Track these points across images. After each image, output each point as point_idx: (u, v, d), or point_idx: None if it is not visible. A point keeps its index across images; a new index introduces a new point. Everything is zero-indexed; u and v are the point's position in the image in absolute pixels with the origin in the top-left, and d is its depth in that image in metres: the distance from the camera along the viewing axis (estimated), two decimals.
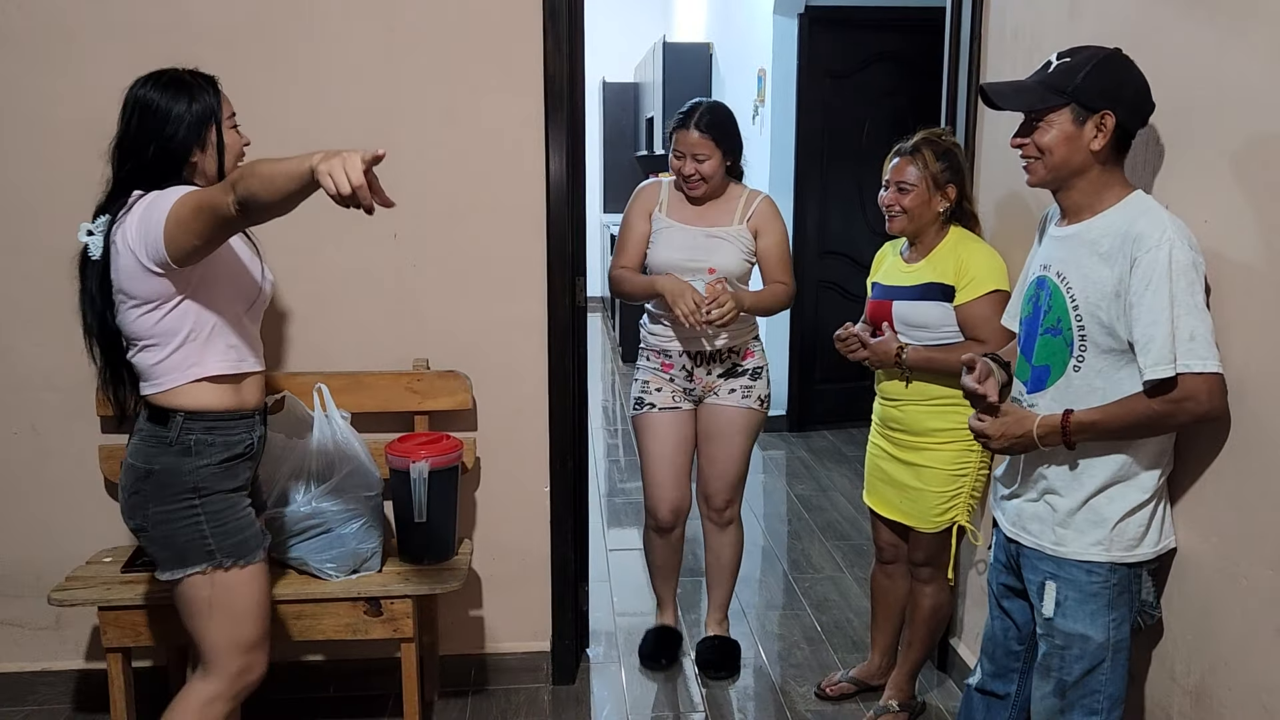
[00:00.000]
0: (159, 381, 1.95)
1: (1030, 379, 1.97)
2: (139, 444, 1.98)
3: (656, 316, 2.90)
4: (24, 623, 2.81)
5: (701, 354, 2.85)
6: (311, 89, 2.65)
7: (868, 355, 2.56)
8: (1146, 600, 1.93)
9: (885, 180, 2.55)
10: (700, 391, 2.90)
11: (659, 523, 2.97)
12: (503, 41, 2.68)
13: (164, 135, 1.91)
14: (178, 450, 1.95)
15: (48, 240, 2.56)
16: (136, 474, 1.96)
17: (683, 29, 8.51)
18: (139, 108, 1.92)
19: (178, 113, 1.91)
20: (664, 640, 3.12)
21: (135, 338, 1.95)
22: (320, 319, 2.74)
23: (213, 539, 1.96)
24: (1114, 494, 1.86)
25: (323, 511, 2.43)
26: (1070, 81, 1.79)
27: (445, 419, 2.78)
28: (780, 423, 5.74)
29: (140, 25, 2.57)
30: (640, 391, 2.93)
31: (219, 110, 1.97)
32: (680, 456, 2.93)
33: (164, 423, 1.95)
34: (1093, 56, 1.80)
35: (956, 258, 2.49)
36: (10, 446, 2.73)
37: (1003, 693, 2.16)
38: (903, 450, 2.59)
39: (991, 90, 1.89)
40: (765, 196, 2.91)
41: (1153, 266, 1.72)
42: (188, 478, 1.95)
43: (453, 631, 2.93)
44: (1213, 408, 1.73)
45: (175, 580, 1.98)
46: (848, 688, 2.90)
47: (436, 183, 2.71)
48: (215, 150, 1.97)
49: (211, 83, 1.99)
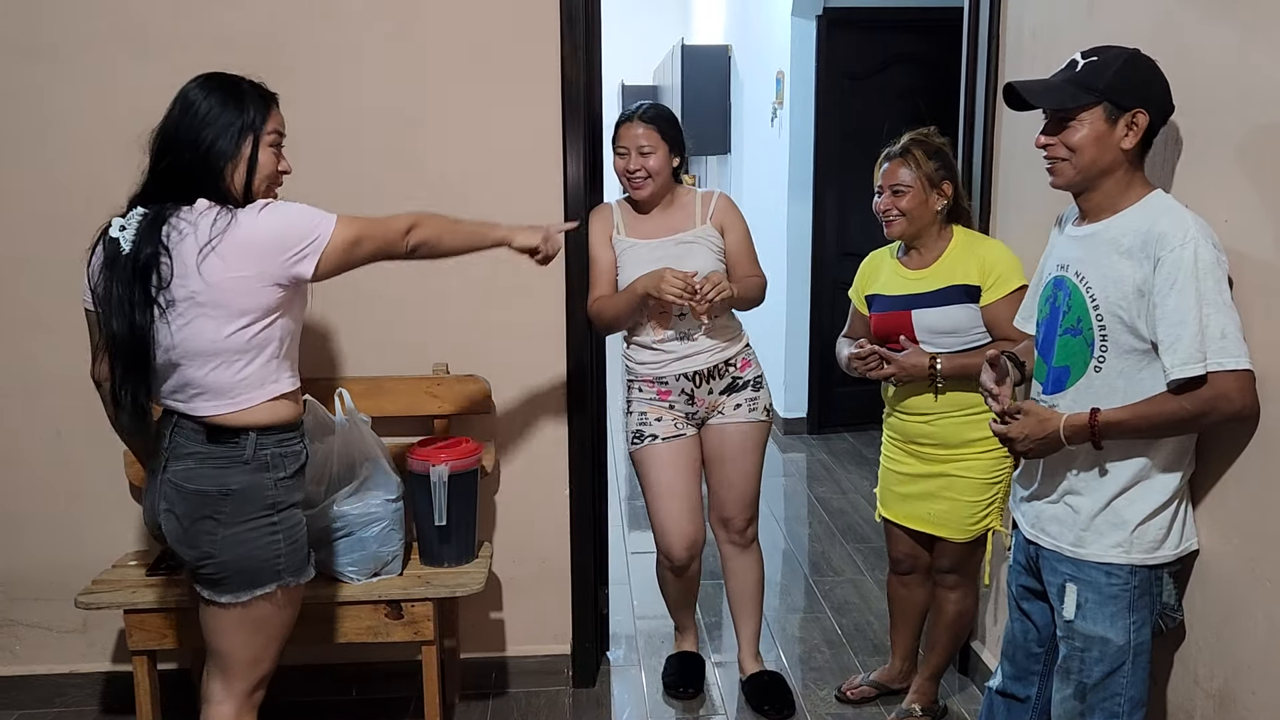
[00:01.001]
0: (238, 400, 1.88)
1: (1049, 380, 1.95)
2: (199, 467, 1.89)
3: (641, 344, 2.74)
4: (51, 625, 2.85)
5: (700, 374, 2.70)
6: (334, 97, 2.67)
7: (894, 372, 2.46)
8: (1168, 603, 1.91)
9: (878, 186, 2.51)
10: (704, 413, 2.76)
11: (674, 562, 2.78)
12: (521, 47, 2.70)
13: (202, 138, 1.84)
14: (254, 467, 1.89)
15: (73, 248, 2.59)
16: (206, 498, 1.87)
17: (701, 32, 8.52)
18: (185, 104, 1.86)
19: (219, 118, 1.85)
20: (688, 667, 2.99)
21: (211, 353, 1.85)
22: (342, 324, 2.76)
23: (284, 557, 1.93)
24: (1134, 496, 1.85)
25: (344, 515, 2.45)
26: (1102, 79, 1.77)
27: (465, 423, 2.79)
28: (800, 425, 5.73)
29: (167, 36, 2.60)
30: (639, 424, 2.74)
31: (261, 126, 1.90)
32: (692, 487, 2.76)
33: (229, 441, 1.88)
34: (1121, 55, 1.79)
35: (978, 256, 2.47)
36: (36, 451, 2.77)
37: (1023, 695, 2.15)
38: (933, 464, 2.54)
39: (1022, 88, 1.87)
40: (721, 193, 2.79)
41: (1178, 266, 1.71)
42: (268, 494, 1.90)
43: (474, 634, 2.95)
44: (1244, 405, 1.72)
45: (238, 603, 1.91)
46: (869, 691, 2.89)
47: (455, 187, 2.73)
48: (247, 165, 1.88)
49: (266, 98, 1.93)
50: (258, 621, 1.95)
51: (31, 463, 2.78)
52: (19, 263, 2.70)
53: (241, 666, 1.98)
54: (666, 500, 2.74)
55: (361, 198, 2.68)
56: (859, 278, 2.70)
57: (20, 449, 2.77)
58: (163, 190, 1.86)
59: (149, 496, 1.99)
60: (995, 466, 2.51)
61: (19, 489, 2.78)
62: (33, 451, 2.77)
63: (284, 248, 1.83)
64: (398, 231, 1.99)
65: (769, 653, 3.15)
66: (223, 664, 1.99)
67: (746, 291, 2.71)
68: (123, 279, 1.83)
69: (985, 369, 2.01)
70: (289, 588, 1.96)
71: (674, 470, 2.74)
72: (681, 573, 2.83)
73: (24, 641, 2.86)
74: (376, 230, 1.96)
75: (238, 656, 1.97)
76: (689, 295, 2.52)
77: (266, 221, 1.84)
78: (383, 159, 2.71)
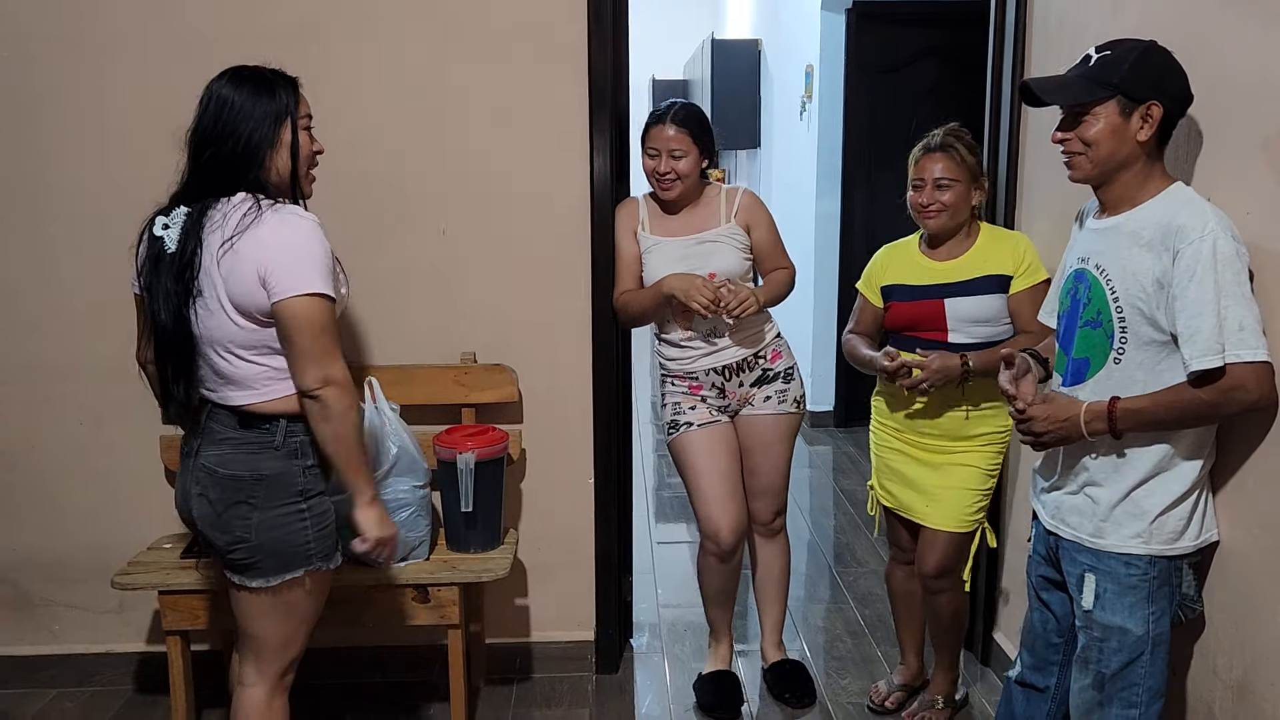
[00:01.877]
0: (264, 390, 1.92)
1: (1069, 372, 1.96)
2: (234, 453, 1.93)
3: (670, 341, 2.76)
4: (89, 606, 2.93)
5: (729, 367, 2.73)
6: (367, 92, 2.72)
7: (927, 378, 2.41)
8: (1187, 594, 1.92)
9: (917, 179, 2.48)
10: (735, 405, 2.77)
11: (721, 547, 2.73)
12: (549, 44, 2.73)
13: (240, 130, 1.88)
14: (285, 453, 1.93)
15: (110, 239, 2.67)
16: (240, 483, 1.92)
17: (732, 25, 8.52)
18: (217, 101, 1.90)
19: (254, 109, 1.89)
20: (725, 688, 2.89)
21: (244, 345, 1.90)
22: (372, 313, 2.81)
23: (314, 543, 1.96)
24: (1154, 487, 1.86)
25: None
26: (1115, 73, 1.78)
27: (492, 411, 2.84)
28: (826, 418, 5.74)
29: (203, 31, 2.66)
30: (674, 414, 2.77)
31: (295, 110, 1.94)
32: (733, 468, 2.75)
33: (260, 427, 1.93)
34: (1134, 48, 1.80)
35: (1012, 245, 2.48)
36: (76, 437, 2.84)
37: (1042, 685, 2.16)
38: (936, 454, 2.55)
39: (1036, 86, 1.89)
40: (745, 189, 2.79)
41: (1196, 258, 1.72)
42: (299, 481, 1.94)
43: (499, 620, 3.00)
44: (1262, 396, 1.72)
45: (269, 586, 1.95)
46: (901, 696, 2.85)
47: (484, 181, 2.77)
48: (289, 150, 1.93)
49: (292, 84, 1.97)
50: (288, 605, 1.99)
51: (72, 448, 2.85)
52: (65, 256, 2.77)
53: (272, 650, 2.02)
54: (708, 482, 2.73)
55: (391, 186, 2.76)
56: (871, 270, 2.68)
57: (62, 435, 2.85)
58: (205, 185, 1.91)
59: (181, 481, 2.02)
60: (995, 460, 2.52)
61: (60, 474, 2.86)
62: (74, 437, 2.84)
63: (268, 264, 1.84)
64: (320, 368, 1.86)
65: (792, 642, 3.18)
66: (254, 647, 2.03)
67: (773, 291, 2.74)
68: (169, 276, 1.89)
69: (1003, 369, 2.02)
70: (317, 573, 1.99)
71: (712, 454, 2.74)
72: (727, 558, 2.77)
73: (62, 621, 2.95)
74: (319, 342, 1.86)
75: (269, 640, 2.01)
76: (714, 308, 2.56)
77: (278, 230, 1.85)
78: (412, 150, 2.75)
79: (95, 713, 2.84)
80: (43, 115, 2.70)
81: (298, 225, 1.87)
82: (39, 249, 2.76)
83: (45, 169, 2.72)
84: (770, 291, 2.74)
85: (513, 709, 2.85)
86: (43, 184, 2.72)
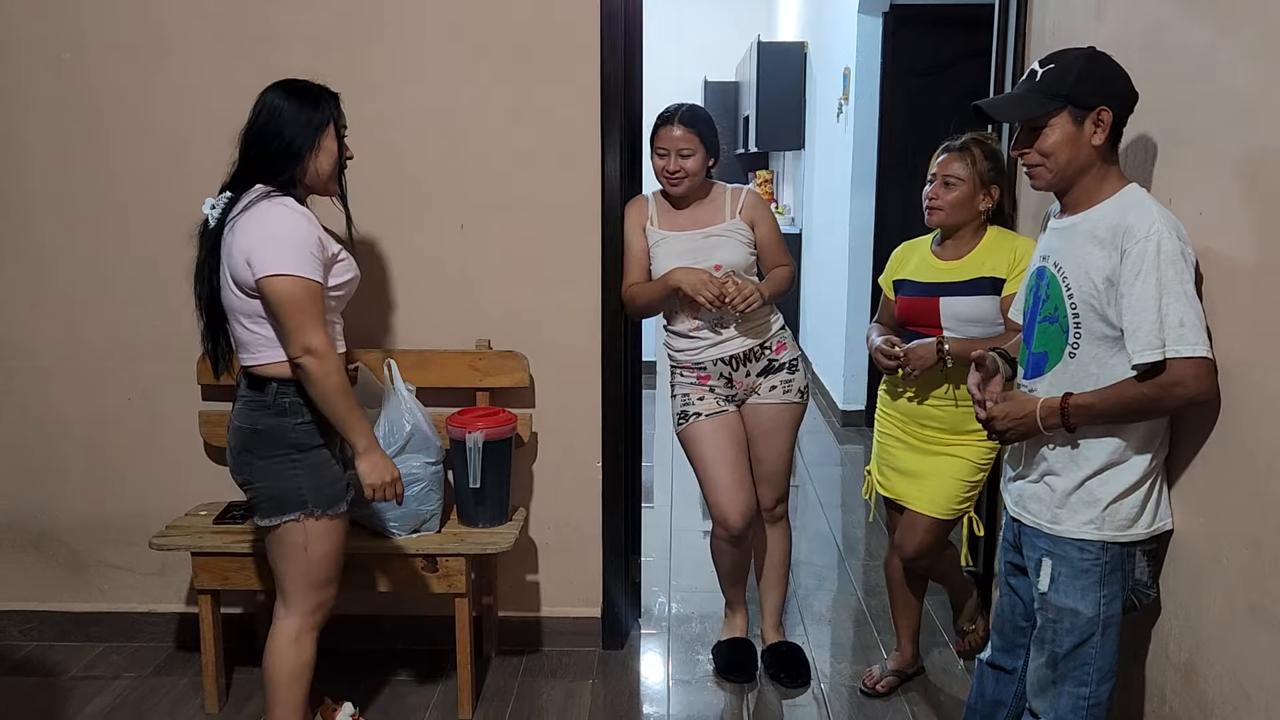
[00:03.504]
0: (258, 355, 2.20)
1: (1029, 365, 2.06)
2: (243, 408, 2.24)
3: (678, 332, 2.89)
4: (134, 567, 3.16)
5: (736, 357, 2.85)
6: (389, 92, 2.89)
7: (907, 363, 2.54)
8: (1140, 579, 2.00)
9: (931, 175, 2.61)
10: (742, 395, 2.90)
11: (731, 532, 2.87)
12: (562, 46, 2.88)
13: (285, 134, 2.17)
14: (275, 412, 2.20)
15: (152, 227, 2.92)
16: (244, 434, 2.22)
17: (783, 28, 8.59)
18: (268, 108, 2.19)
19: (299, 116, 2.18)
20: (741, 653, 3.07)
21: (242, 313, 2.18)
22: (393, 301, 2.99)
23: (308, 490, 2.22)
24: (1108, 476, 1.94)
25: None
26: (1063, 84, 1.87)
27: (505, 396, 3.00)
28: (858, 417, 5.79)
29: (234, 35, 2.87)
30: (683, 405, 2.90)
31: (339, 120, 2.23)
32: (741, 456, 2.88)
33: (262, 389, 2.20)
34: (1077, 57, 1.89)
35: (1011, 249, 2.56)
36: (125, 411, 3.08)
37: (1010, 667, 2.25)
38: (933, 444, 2.65)
39: (988, 106, 1.99)
40: (749, 189, 2.93)
41: (1142, 257, 1.80)
42: (290, 435, 2.20)
43: (511, 594, 3.16)
44: (1200, 391, 1.80)
45: (273, 525, 2.24)
46: (893, 681, 2.95)
47: (501, 177, 2.93)
48: (333, 155, 2.22)
49: (334, 98, 2.25)
50: (293, 546, 2.25)
51: (119, 421, 3.08)
52: (115, 244, 2.99)
53: (293, 586, 2.28)
54: (716, 470, 2.85)
55: (414, 184, 2.93)
56: (890, 265, 2.80)
57: (113, 409, 3.08)
58: (249, 176, 2.20)
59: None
60: (988, 455, 2.61)
61: (110, 444, 3.10)
62: (125, 412, 3.08)
63: (251, 247, 2.11)
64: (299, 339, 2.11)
65: (794, 627, 3.29)
66: (279, 585, 2.31)
67: (777, 287, 2.87)
68: (205, 248, 2.24)
69: (972, 371, 2.12)
70: (318, 520, 2.24)
71: (720, 442, 2.86)
72: (738, 543, 2.92)
73: (110, 581, 3.19)
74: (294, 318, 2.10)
75: (286, 577, 2.28)
76: (720, 303, 2.70)
77: (264, 218, 2.12)
78: (434, 150, 2.93)
79: (140, 666, 3.07)
80: (98, 111, 2.92)
81: (282, 214, 2.13)
82: (94, 237, 2.99)
83: (100, 162, 2.95)
84: (773, 287, 2.86)
85: (520, 678, 3.01)
86: (97, 176, 2.95)
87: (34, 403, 3.08)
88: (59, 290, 3.01)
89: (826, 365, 6.21)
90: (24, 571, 3.18)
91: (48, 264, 3.00)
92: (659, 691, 2.97)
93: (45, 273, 3.01)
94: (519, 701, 2.89)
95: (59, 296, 3.02)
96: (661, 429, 5.82)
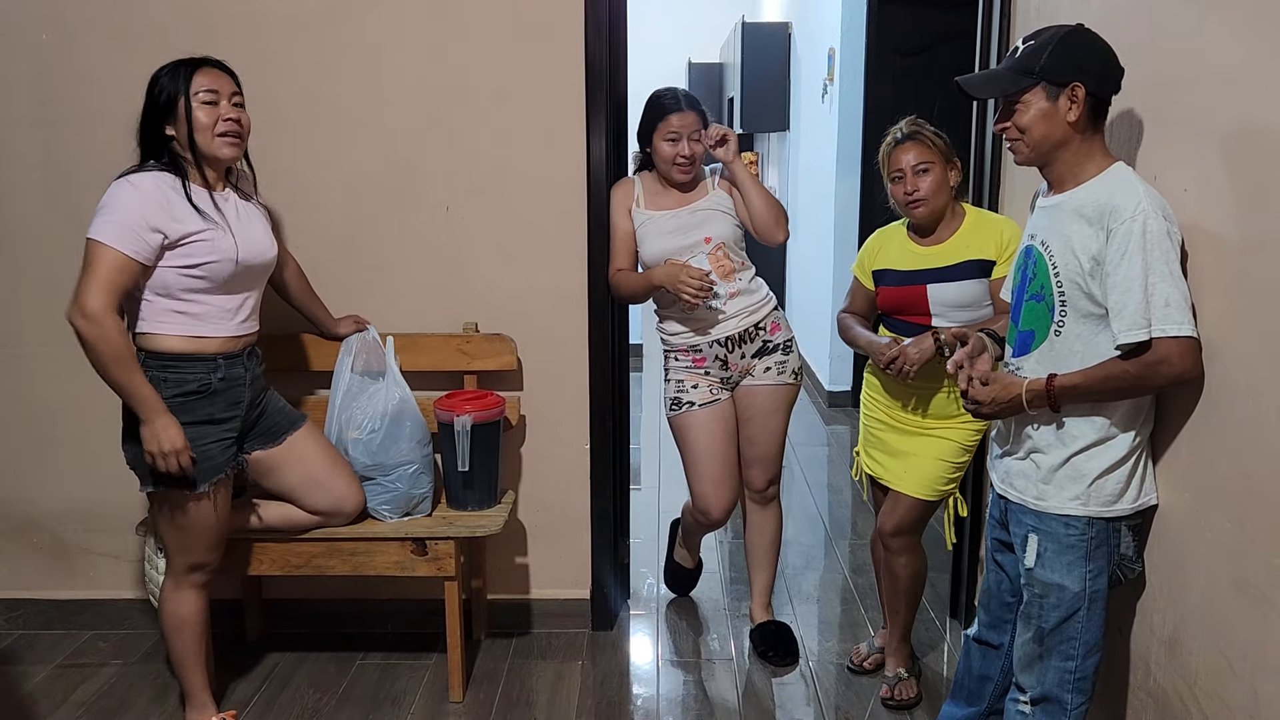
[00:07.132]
0: (133, 328, 2.32)
1: (1016, 343, 2.07)
2: None
3: (667, 316, 2.91)
4: (121, 555, 3.15)
5: (731, 339, 2.84)
6: (373, 73, 2.88)
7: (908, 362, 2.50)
8: (1126, 554, 2.02)
9: (896, 172, 2.54)
10: (737, 376, 2.90)
11: (710, 521, 2.96)
12: (546, 27, 2.86)
13: (145, 115, 2.32)
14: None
15: None
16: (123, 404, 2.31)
17: (767, 9, 8.56)
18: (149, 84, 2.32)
19: (152, 95, 2.31)
20: (685, 575, 3.38)
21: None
22: (380, 283, 2.98)
23: (140, 466, 2.32)
24: (1093, 452, 1.96)
25: (377, 458, 2.67)
26: (1037, 61, 1.88)
27: (493, 379, 3.00)
28: (844, 398, 5.81)
29: (215, 18, 2.84)
30: (676, 391, 2.91)
31: (186, 89, 2.28)
32: (729, 449, 2.91)
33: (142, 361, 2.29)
34: (1055, 35, 1.89)
35: (997, 230, 2.54)
36: (108, 397, 3.03)
37: (996, 642, 2.27)
38: (919, 428, 2.64)
39: (966, 84, 2.01)
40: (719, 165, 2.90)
41: (1128, 237, 1.81)
42: None
43: (501, 576, 3.16)
44: (1184, 370, 1.81)
45: (145, 492, 2.37)
46: (880, 658, 2.95)
47: (486, 159, 2.92)
48: (185, 122, 2.28)
49: (193, 64, 2.30)
50: (165, 515, 2.39)
51: (106, 408, 3.03)
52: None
53: (168, 546, 2.45)
54: (704, 463, 2.89)
55: (399, 166, 2.92)
56: (864, 253, 2.75)
57: (96, 395, 3.03)
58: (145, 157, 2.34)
59: None
60: (974, 437, 2.62)
61: (95, 432, 3.06)
62: (108, 398, 3.03)
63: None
64: (78, 300, 2.22)
65: (783, 606, 3.31)
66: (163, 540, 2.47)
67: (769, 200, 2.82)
68: None
69: (958, 348, 2.13)
70: (166, 495, 2.35)
71: (710, 435, 2.88)
72: (714, 527, 3.04)
73: (97, 569, 3.17)
74: (84, 280, 2.22)
75: (163, 536, 2.44)
76: (705, 294, 2.70)
77: (108, 194, 2.27)
78: (418, 131, 2.91)
79: (126, 653, 3.06)
80: (77, 94, 2.89)
81: (120, 189, 2.26)
82: (75, 221, 2.95)
83: (81, 146, 2.92)
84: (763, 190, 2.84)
85: (510, 659, 3.02)
86: (77, 160, 2.92)
87: (16, 389, 3.06)
88: (40, 276, 2.99)
89: (812, 346, 6.21)
90: (9, 559, 3.16)
91: (27, 249, 2.98)
92: (648, 672, 2.99)
93: (25, 258, 2.98)
94: (509, 683, 2.90)
95: (40, 282, 2.99)
96: (649, 411, 5.84)
